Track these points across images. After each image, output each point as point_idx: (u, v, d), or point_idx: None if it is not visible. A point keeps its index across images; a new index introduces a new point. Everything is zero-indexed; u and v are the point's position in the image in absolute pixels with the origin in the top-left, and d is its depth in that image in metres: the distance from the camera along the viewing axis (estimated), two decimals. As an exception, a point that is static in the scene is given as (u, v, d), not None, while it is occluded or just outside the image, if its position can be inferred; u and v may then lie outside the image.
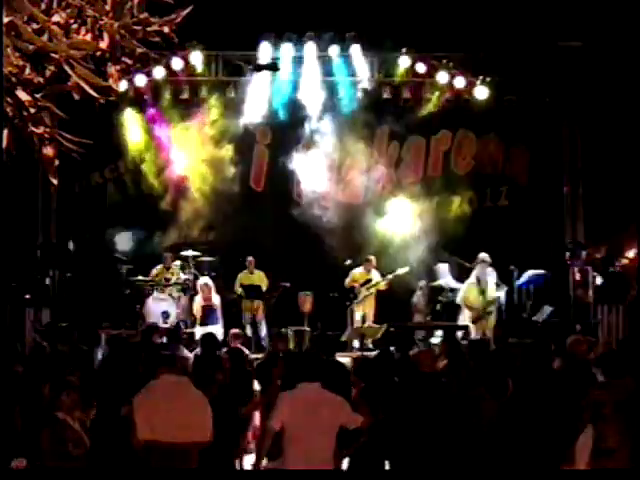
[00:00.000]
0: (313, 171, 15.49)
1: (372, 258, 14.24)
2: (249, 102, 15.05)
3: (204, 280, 13.84)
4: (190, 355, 9.48)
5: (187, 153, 15.28)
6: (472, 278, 13.46)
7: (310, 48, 14.89)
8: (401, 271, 14.05)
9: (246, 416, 7.81)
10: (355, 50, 14.88)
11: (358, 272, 14.26)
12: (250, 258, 14.33)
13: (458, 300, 13.65)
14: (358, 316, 14.12)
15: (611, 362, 6.89)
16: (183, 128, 15.21)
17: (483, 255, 13.59)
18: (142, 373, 7.35)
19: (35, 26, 3.84)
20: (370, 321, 14.15)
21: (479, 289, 13.34)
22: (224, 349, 9.42)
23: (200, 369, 7.02)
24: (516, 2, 13.51)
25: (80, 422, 6.32)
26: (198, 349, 9.53)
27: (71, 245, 14.86)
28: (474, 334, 13.11)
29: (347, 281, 14.23)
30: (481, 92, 15.02)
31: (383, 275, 14.20)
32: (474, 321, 13.28)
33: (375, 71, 15.22)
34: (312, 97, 15.10)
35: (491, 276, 13.55)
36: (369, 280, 14.16)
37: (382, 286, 14.17)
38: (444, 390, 6.70)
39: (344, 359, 9.73)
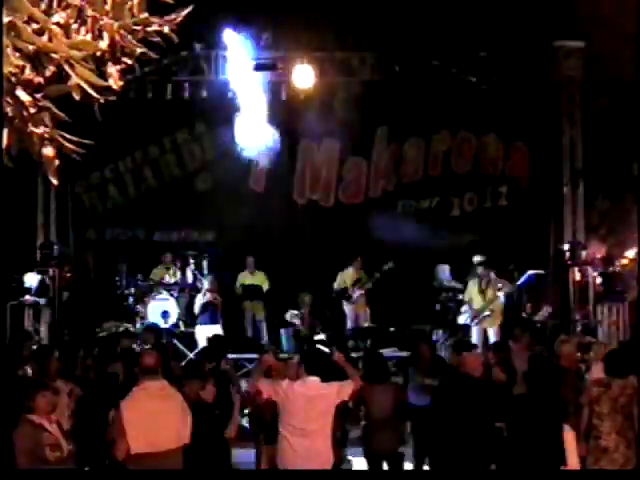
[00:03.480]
0: (313, 171, 15.51)
1: (359, 259, 14.24)
2: (248, 101, 15.06)
3: (207, 279, 13.88)
4: None
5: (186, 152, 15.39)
6: (474, 278, 13.50)
7: (309, 48, 14.92)
8: (386, 267, 14.04)
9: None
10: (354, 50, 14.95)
11: (347, 273, 14.26)
12: (250, 258, 14.34)
13: (460, 300, 13.71)
14: (350, 317, 14.14)
15: (614, 361, 6.88)
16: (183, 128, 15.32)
17: (478, 257, 13.65)
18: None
19: (35, 26, 3.82)
20: (366, 321, 14.16)
21: (479, 289, 13.37)
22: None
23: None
24: (515, 2, 13.51)
25: (58, 425, 6.14)
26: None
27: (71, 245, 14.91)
28: (475, 334, 13.15)
29: (336, 283, 14.24)
30: (479, 92, 15.03)
31: (371, 274, 14.20)
32: (473, 319, 13.32)
33: (375, 70, 15.25)
34: (311, 97, 15.12)
35: (491, 276, 13.56)
36: (359, 280, 14.16)
37: (369, 285, 14.14)
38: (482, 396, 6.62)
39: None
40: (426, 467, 8.58)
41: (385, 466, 7.83)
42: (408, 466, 8.51)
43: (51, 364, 7.45)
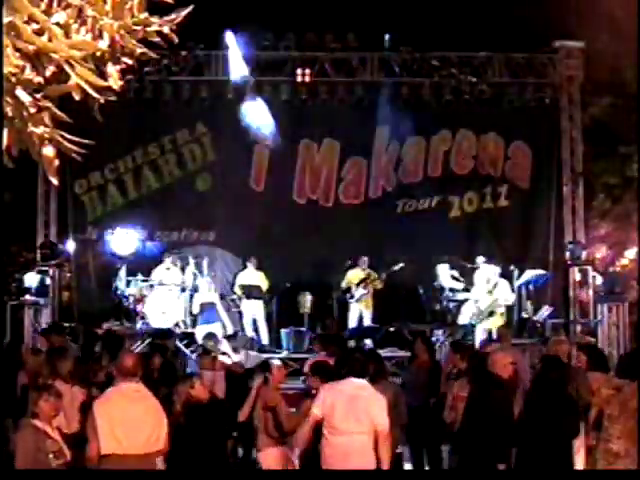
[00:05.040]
0: (313, 171, 15.51)
1: (365, 258, 14.25)
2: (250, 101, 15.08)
3: (204, 279, 13.88)
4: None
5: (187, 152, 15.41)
6: (482, 278, 13.56)
7: (309, 48, 14.96)
8: (396, 267, 14.04)
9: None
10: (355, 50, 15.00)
11: (353, 272, 14.27)
12: (253, 259, 14.34)
13: (463, 300, 13.74)
14: (354, 316, 14.14)
15: (625, 363, 6.85)
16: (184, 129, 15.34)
17: (483, 258, 13.70)
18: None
19: (35, 26, 3.82)
20: (368, 321, 14.16)
21: (488, 289, 13.42)
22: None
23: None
24: (516, 2, 13.51)
25: (59, 431, 6.05)
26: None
27: (71, 245, 14.91)
28: (480, 334, 13.17)
29: (343, 282, 14.25)
30: (481, 92, 15.04)
31: (378, 273, 14.20)
32: (477, 318, 13.36)
33: (375, 70, 15.27)
34: (311, 97, 15.14)
35: (499, 278, 13.61)
36: (364, 279, 14.16)
37: (378, 284, 14.15)
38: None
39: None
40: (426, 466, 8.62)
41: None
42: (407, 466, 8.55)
43: (64, 365, 7.37)
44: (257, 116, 14.81)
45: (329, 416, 6.18)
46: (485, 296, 13.45)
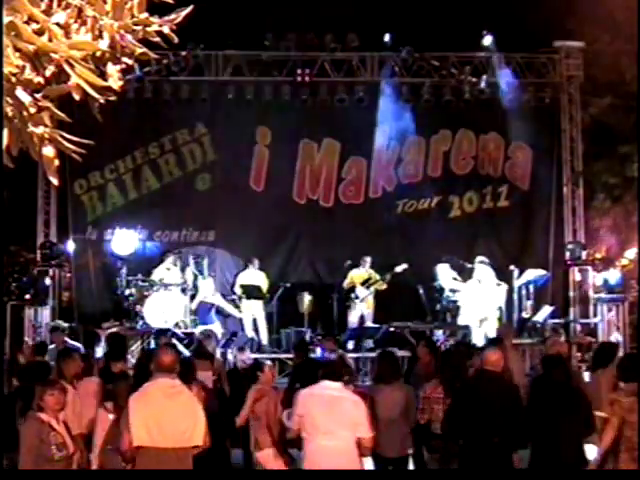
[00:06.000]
0: (313, 171, 15.51)
1: (368, 258, 14.24)
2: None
3: (204, 279, 13.89)
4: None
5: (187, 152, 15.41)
6: (474, 280, 13.52)
7: (310, 48, 14.97)
8: (399, 268, 14.04)
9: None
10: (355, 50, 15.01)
11: (356, 272, 14.26)
12: (255, 259, 14.34)
13: (460, 301, 13.70)
14: (355, 316, 14.13)
15: (628, 365, 6.83)
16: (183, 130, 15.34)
17: (481, 258, 13.69)
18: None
19: (35, 26, 3.83)
20: (369, 321, 14.15)
21: (480, 291, 13.39)
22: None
23: None
24: (516, 2, 13.52)
25: (65, 424, 6.12)
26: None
27: (71, 245, 14.91)
28: (477, 335, 13.16)
29: (346, 282, 14.24)
30: (481, 92, 15.04)
31: (381, 274, 14.19)
32: (472, 320, 13.35)
33: (375, 70, 15.28)
34: (311, 97, 15.15)
35: (491, 277, 13.59)
36: (368, 279, 14.16)
37: (381, 285, 14.16)
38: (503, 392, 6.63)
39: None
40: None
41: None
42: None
43: (69, 367, 7.35)
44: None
45: (309, 419, 6.15)
46: (476, 297, 13.42)
